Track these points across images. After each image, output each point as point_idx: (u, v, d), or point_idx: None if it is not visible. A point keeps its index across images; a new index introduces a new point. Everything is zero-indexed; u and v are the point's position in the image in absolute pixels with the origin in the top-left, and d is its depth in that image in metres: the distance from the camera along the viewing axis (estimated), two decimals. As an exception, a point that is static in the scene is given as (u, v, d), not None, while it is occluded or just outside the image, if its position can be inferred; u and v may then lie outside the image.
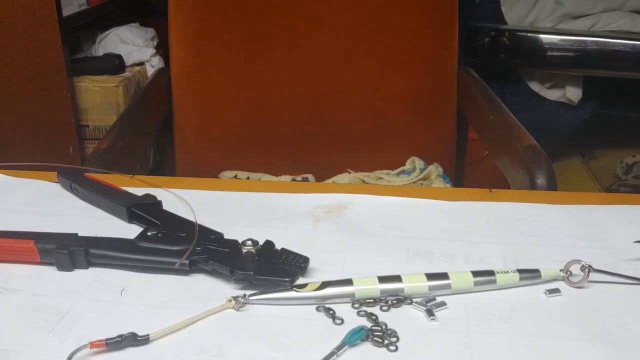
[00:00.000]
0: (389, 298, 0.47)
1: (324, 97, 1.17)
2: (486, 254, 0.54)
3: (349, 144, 1.19)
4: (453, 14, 1.15)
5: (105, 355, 0.42)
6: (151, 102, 1.10)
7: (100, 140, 0.90)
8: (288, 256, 0.50)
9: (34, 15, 1.37)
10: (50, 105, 1.45)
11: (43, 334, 0.44)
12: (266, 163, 1.18)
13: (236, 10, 1.12)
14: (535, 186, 0.80)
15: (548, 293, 0.48)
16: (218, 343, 0.43)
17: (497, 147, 0.98)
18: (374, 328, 0.44)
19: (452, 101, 1.19)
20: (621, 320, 0.45)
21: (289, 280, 0.48)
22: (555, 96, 1.78)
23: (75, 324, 0.45)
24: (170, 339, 0.43)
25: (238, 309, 0.46)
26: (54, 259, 0.51)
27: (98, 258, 0.51)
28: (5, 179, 0.67)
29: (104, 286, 0.49)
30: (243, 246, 0.50)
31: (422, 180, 1.12)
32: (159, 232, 0.53)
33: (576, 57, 1.68)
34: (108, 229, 0.57)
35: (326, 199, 0.62)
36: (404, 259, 0.53)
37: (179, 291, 0.49)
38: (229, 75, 1.15)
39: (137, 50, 1.71)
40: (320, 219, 0.59)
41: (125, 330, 0.43)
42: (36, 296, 0.48)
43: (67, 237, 0.52)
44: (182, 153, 1.19)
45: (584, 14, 1.77)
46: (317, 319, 0.46)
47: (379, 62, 1.15)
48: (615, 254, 0.54)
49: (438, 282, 0.48)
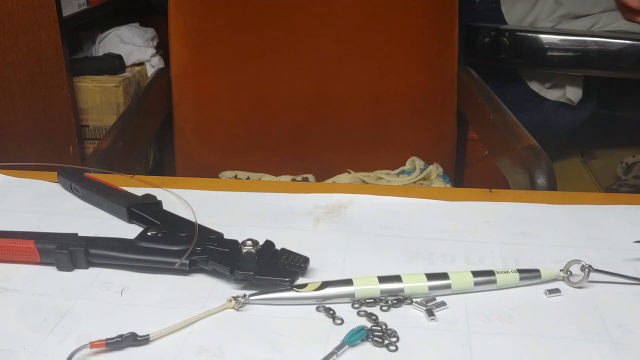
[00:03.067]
0: (389, 298, 0.47)
1: (324, 97, 1.17)
2: (486, 254, 0.54)
3: (349, 144, 1.19)
4: (453, 14, 1.15)
5: (105, 355, 0.42)
6: (151, 102, 1.10)
7: (100, 141, 0.90)
8: (288, 256, 0.50)
9: (34, 15, 1.37)
10: (50, 105, 1.45)
11: (43, 334, 0.44)
12: (266, 163, 1.18)
13: (236, 11, 1.12)
14: (535, 186, 0.80)
15: (548, 293, 0.48)
16: (218, 343, 0.43)
17: (497, 147, 0.98)
18: (374, 328, 0.44)
19: (452, 101, 1.19)
20: (621, 320, 0.45)
21: (289, 280, 0.48)
22: (555, 96, 1.78)
23: (75, 324, 0.45)
24: (170, 339, 0.43)
25: (238, 309, 0.46)
26: (54, 259, 0.51)
27: (98, 258, 0.51)
28: (5, 179, 0.67)
29: (104, 286, 0.49)
30: (243, 246, 0.50)
31: (422, 180, 1.12)
32: (159, 232, 0.53)
33: (576, 57, 1.68)
34: (108, 229, 0.57)
35: (326, 199, 0.62)
36: (404, 259, 0.53)
37: (179, 291, 0.49)
38: (229, 75, 1.15)
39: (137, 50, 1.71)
40: (320, 219, 0.59)
41: (125, 330, 0.43)
42: (36, 296, 0.48)
43: (67, 237, 0.52)
44: (182, 153, 1.19)
45: (584, 14, 1.77)
46: (317, 319, 0.46)
47: (379, 62, 1.15)
48: (615, 254, 0.54)
49: (438, 282, 0.48)
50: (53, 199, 0.63)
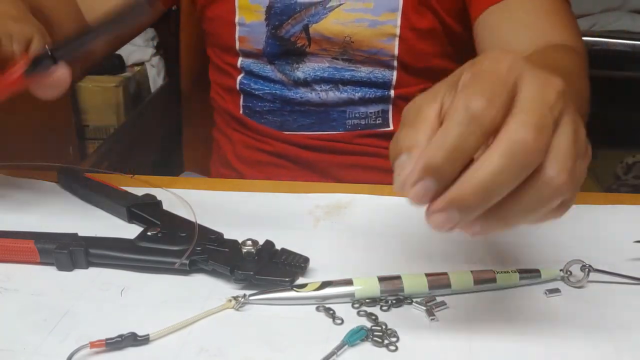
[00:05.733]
0: (389, 298, 0.47)
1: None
2: (486, 254, 0.54)
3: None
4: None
5: (105, 355, 0.42)
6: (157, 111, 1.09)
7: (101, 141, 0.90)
8: (288, 256, 0.50)
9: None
10: (50, 105, 1.45)
11: (43, 334, 0.44)
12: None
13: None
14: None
15: (548, 293, 0.48)
16: (218, 343, 0.43)
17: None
18: (374, 328, 0.44)
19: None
20: (621, 320, 0.45)
21: (289, 280, 0.48)
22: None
23: (75, 324, 0.45)
24: (170, 339, 0.43)
25: (238, 309, 0.46)
26: (54, 259, 0.51)
27: (98, 258, 0.51)
28: (5, 179, 0.67)
29: (104, 286, 0.49)
30: (243, 246, 0.50)
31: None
32: (158, 232, 0.53)
33: (576, 57, 1.67)
34: (108, 228, 0.57)
35: (326, 198, 0.62)
36: (404, 259, 0.53)
37: (179, 291, 0.49)
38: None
39: (137, 50, 1.71)
40: (321, 219, 0.59)
41: (125, 330, 0.43)
42: (36, 296, 0.48)
43: (67, 237, 0.52)
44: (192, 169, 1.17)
45: (584, 14, 1.77)
46: (317, 319, 0.46)
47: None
48: (615, 254, 0.54)
49: (438, 282, 0.48)
50: (53, 199, 0.63)
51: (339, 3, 0.78)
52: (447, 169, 0.33)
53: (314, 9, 0.78)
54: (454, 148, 0.33)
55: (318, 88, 0.82)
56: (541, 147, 0.33)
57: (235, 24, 0.82)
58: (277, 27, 0.80)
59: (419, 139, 0.35)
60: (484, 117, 0.33)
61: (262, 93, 0.85)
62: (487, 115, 0.33)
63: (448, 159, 0.33)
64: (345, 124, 0.83)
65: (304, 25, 0.79)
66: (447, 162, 0.33)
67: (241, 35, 0.82)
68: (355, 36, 0.78)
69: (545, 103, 0.34)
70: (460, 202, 0.34)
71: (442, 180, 0.34)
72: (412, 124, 0.36)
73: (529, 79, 0.35)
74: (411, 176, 0.34)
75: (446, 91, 0.36)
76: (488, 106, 0.33)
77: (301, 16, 0.79)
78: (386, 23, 0.77)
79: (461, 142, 0.33)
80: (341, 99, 0.82)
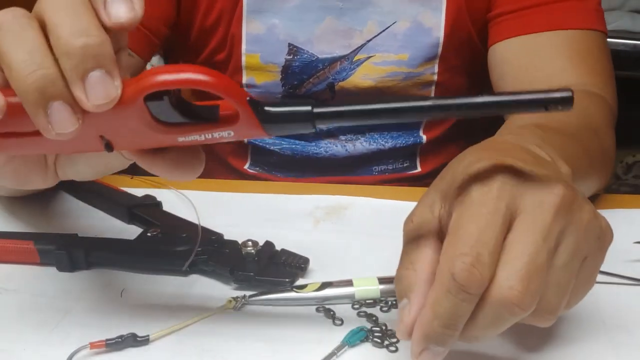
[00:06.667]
0: (389, 299, 0.47)
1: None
2: (486, 254, 0.54)
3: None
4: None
5: (105, 355, 0.42)
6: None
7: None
8: (288, 257, 0.50)
9: (34, 15, 1.37)
10: (51, 105, 1.45)
11: (43, 334, 0.44)
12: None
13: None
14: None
15: (548, 293, 0.48)
16: (218, 344, 0.43)
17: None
18: (374, 329, 0.44)
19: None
20: (621, 320, 0.45)
21: (289, 281, 0.48)
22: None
23: (75, 324, 0.45)
24: (170, 339, 0.43)
25: (238, 310, 0.46)
26: (53, 260, 0.51)
27: (98, 259, 0.51)
28: (5, 180, 0.67)
29: (104, 287, 0.49)
30: (243, 247, 0.50)
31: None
32: (158, 233, 0.53)
33: (576, 57, 1.67)
34: (108, 229, 0.57)
35: (326, 200, 0.62)
36: (404, 260, 0.53)
37: (179, 292, 0.49)
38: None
39: (137, 51, 1.71)
40: (321, 220, 0.59)
41: (125, 331, 0.43)
42: (36, 297, 0.48)
43: (67, 238, 0.52)
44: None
45: (584, 14, 1.77)
46: (317, 319, 0.46)
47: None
48: (615, 254, 0.53)
49: (438, 283, 0.48)
50: (53, 199, 0.63)
51: (368, 56, 0.69)
52: (447, 332, 0.34)
53: (339, 65, 0.69)
54: (448, 317, 0.33)
55: (343, 138, 0.74)
56: (528, 301, 0.32)
57: (243, 85, 0.71)
58: (295, 87, 0.71)
59: (418, 283, 0.35)
60: (471, 283, 0.32)
61: (280, 148, 0.76)
62: (473, 280, 0.32)
63: (446, 326, 0.33)
64: (371, 170, 0.77)
65: (329, 83, 0.71)
66: (446, 329, 0.33)
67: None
68: (389, 90, 0.70)
69: (540, 233, 0.33)
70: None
71: (446, 343, 0.34)
72: (411, 258, 0.37)
73: (522, 205, 0.33)
74: (415, 347, 0.35)
75: (442, 202, 0.37)
76: (474, 268, 0.32)
77: (325, 74, 0.70)
78: (424, 73, 0.70)
79: (455, 310, 0.33)
80: (370, 150, 0.75)
